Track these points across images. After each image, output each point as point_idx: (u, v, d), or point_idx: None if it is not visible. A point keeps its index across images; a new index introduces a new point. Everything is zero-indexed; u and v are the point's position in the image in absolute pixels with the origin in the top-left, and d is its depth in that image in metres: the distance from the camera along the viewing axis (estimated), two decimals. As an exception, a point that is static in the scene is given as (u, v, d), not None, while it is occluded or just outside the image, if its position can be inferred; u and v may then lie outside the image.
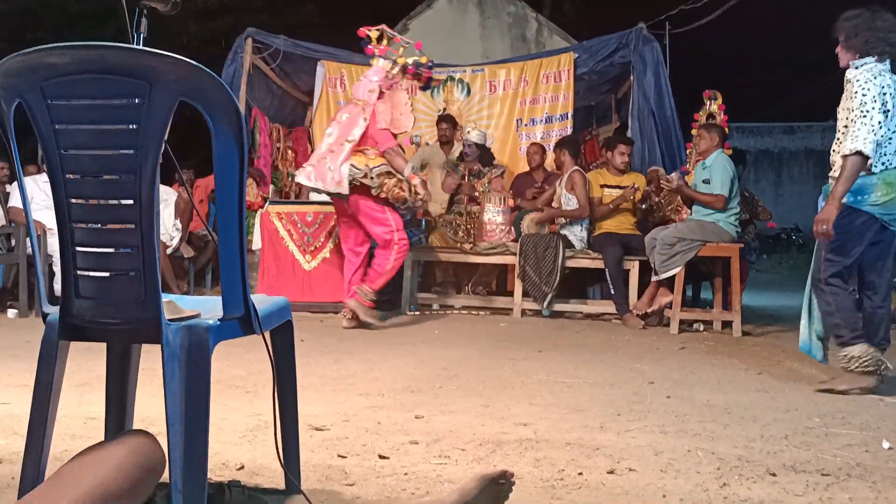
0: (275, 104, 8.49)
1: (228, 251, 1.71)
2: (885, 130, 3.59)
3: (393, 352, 4.53)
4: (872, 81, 3.61)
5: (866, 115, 3.57)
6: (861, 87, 3.62)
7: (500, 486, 1.86)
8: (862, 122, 3.56)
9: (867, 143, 3.53)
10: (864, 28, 3.69)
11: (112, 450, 1.10)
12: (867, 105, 3.59)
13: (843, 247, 3.69)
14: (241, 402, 3.14)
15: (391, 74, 5.60)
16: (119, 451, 1.10)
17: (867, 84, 3.62)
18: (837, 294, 3.72)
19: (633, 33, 7.50)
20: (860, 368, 3.65)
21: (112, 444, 1.12)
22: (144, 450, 1.11)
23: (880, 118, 3.56)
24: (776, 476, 2.33)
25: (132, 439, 1.12)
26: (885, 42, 3.68)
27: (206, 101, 1.60)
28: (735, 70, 20.48)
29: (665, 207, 6.42)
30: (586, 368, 4.12)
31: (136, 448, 1.11)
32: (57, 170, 1.63)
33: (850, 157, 3.56)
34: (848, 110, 3.65)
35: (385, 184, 5.42)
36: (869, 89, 3.60)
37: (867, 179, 3.62)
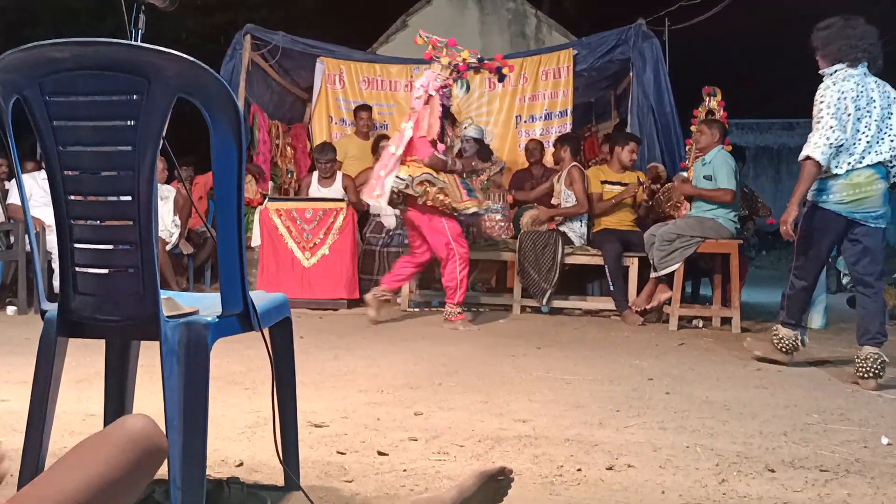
0: (274, 101, 8.48)
1: (227, 248, 1.70)
2: (841, 135, 3.80)
3: (392, 348, 4.53)
4: (831, 89, 3.84)
5: (820, 123, 3.82)
6: (820, 95, 3.88)
7: (498, 482, 1.86)
8: (816, 129, 3.83)
9: (817, 148, 3.79)
10: (836, 37, 3.90)
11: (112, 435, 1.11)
12: (822, 112, 3.83)
13: (809, 241, 4.02)
14: (239, 399, 3.14)
15: (441, 77, 5.54)
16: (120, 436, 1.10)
17: (825, 92, 3.86)
18: (794, 287, 4.13)
19: (632, 29, 7.49)
20: (780, 346, 4.21)
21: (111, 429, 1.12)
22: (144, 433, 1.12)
23: (832, 123, 3.78)
24: (775, 472, 2.34)
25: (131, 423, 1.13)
26: (858, 48, 3.86)
27: (205, 98, 1.60)
28: (734, 66, 20.47)
29: (664, 204, 6.42)
30: (585, 365, 4.12)
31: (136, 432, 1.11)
32: (55, 166, 1.63)
33: (804, 161, 3.86)
34: (813, 117, 3.91)
35: (428, 192, 5.40)
36: (825, 97, 3.84)
37: (832, 180, 3.88)
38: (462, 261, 5.50)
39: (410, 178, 5.41)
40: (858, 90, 3.85)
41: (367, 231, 7.11)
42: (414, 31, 9.27)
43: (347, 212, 6.49)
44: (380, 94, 8.38)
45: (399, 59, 8.59)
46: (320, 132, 8.31)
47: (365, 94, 8.30)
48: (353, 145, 7.80)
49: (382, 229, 7.14)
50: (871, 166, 3.86)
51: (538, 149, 7.54)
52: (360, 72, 8.40)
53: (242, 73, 7.56)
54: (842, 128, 3.80)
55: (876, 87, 3.91)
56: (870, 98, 3.86)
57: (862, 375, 3.76)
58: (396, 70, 8.41)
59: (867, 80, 3.90)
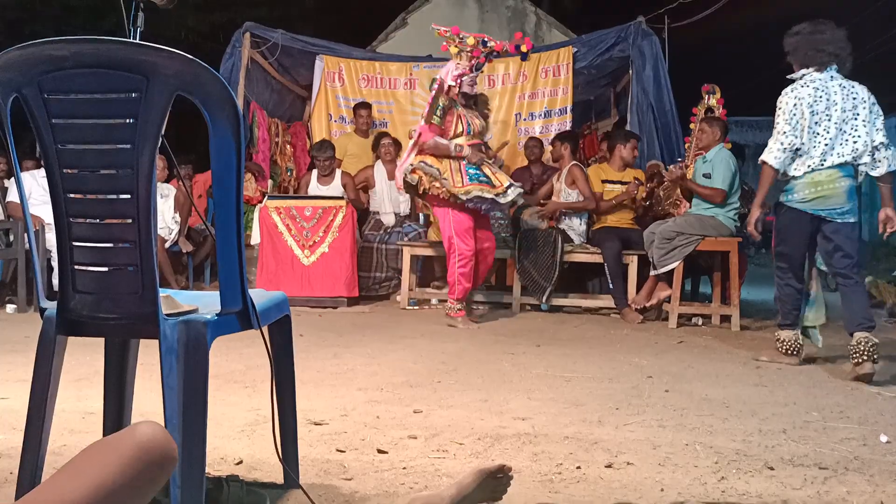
0: (273, 99, 8.47)
1: (226, 246, 1.70)
2: (796, 140, 4.04)
3: (392, 346, 4.54)
4: (788, 96, 4.09)
5: (776, 129, 4.10)
6: (779, 102, 4.12)
7: (498, 480, 1.86)
8: (773, 136, 4.11)
9: (771, 154, 4.07)
10: (804, 42, 4.10)
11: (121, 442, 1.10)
12: (778, 119, 4.10)
13: (783, 239, 4.25)
14: (239, 397, 3.14)
15: (460, 66, 5.50)
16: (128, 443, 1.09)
17: (782, 99, 4.11)
18: (780, 284, 4.29)
19: (631, 27, 7.48)
20: (783, 349, 4.26)
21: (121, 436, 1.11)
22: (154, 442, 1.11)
23: (786, 129, 4.04)
24: (774, 470, 2.34)
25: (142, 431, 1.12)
26: (825, 53, 4.06)
27: (203, 96, 1.60)
28: (734, 64, 20.45)
29: (664, 201, 6.42)
30: (585, 363, 4.12)
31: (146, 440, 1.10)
32: (54, 164, 1.63)
33: (762, 165, 4.14)
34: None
35: (422, 179, 5.42)
36: (782, 105, 4.09)
37: (794, 181, 4.11)
38: (462, 258, 5.45)
39: (410, 166, 5.42)
40: (817, 95, 4.03)
41: (367, 229, 7.11)
42: (413, 29, 9.29)
43: (347, 210, 6.49)
44: (379, 91, 8.37)
45: (399, 57, 8.58)
46: (320, 130, 8.30)
47: (364, 92, 8.29)
48: (352, 143, 7.79)
49: (381, 227, 7.15)
50: (833, 167, 4.04)
51: (538, 147, 7.53)
52: (360, 70, 8.39)
53: (242, 71, 7.56)
54: (795, 133, 4.03)
55: (840, 90, 4.06)
56: (830, 102, 4.03)
57: (857, 361, 3.84)
58: (396, 68, 8.40)
59: (831, 83, 4.06)
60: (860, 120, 4.05)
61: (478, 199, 5.42)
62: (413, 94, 8.34)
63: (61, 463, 2.26)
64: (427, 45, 8.01)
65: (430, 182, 5.39)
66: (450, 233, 5.46)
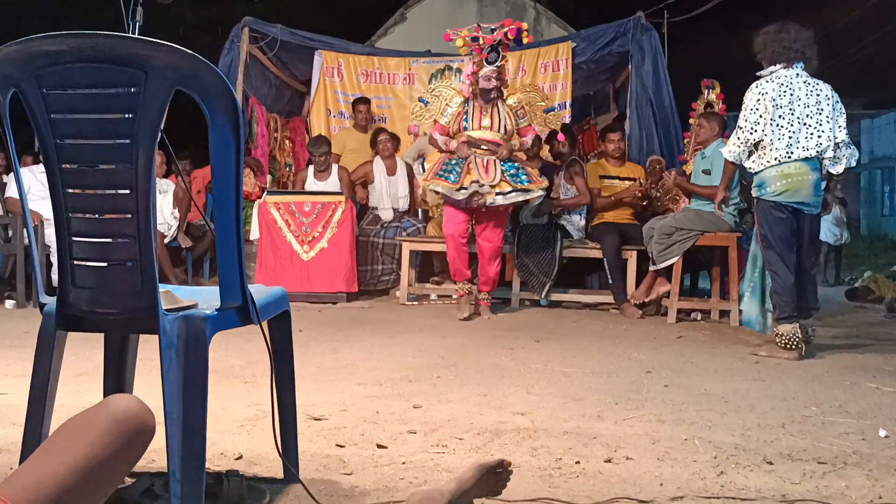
0: (272, 94, 8.46)
1: (225, 241, 1.70)
2: (772, 129, 4.23)
3: (391, 341, 4.54)
4: (752, 92, 4.29)
5: (737, 124, 4.33)
6: (744, 98, 4.32)
7: (497, 474, 1.86)
8: (734, 132, 4.36)
9: (730, 151, 4.39)
10: (770, 41, 4.31)
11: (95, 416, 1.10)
12: (740, 115, 4.32)
13: (766, 233, 4.36)
14: (239, 392, 3.14)
15: (475, 60, 5.62)
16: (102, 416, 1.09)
17: (746, 96, 4.31)
18: (775, 274, 4.34)
19: (631, 22, 7.47)
20: (782, 343, 4.26)
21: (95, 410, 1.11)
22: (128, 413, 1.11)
23: (744, 125, 4.28)
24: (773, 464, 2.34)
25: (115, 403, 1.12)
26: (791, 50, 4.26)
27: (202, 90, 1.60)
28: (733, 59, 20.43)
29: (663, 197, 6.42)
30: (584, 357, 4.12)
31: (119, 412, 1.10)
32: (53, 159, 1.63)
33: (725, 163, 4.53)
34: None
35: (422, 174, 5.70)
36: (745, 101, 4.29)
37: (765, 174, 4.29)
38: (447, 247, 5.79)
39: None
40: (781, 90, 4.22)
41: (364, 223, 7.11)
42: (412, 24, 9.28)
43: (346, 205, 6.48)
44: (378, 87, 8.36)
45: (397, 52, 8.57)
46: (318, 125, 8.29)
47: (363, 87, 8.28)
48: (351, 138, 7.78)
49: (378, 222, 7.14)
50: (800, 160, 4.23)
51: (536, 142, 7.51)
52: (359, 65, 8.38)
53: (240, 66, 7.54)
54: (752, 129, 4.27)
55: (804, 86, 4.26)
56: (794, 97, 4.23)
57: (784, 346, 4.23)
58: (395, 63, 8.39)
59: (796, 80, 4.26)
60: (824, 115, 4.24)
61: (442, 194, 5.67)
62: (412, 89, 8.33)
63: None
64: (426, 41, 8.01)
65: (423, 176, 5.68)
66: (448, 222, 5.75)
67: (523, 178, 5.55)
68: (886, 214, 22.90)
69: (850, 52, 20.71)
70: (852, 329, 5.61)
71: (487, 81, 5.58)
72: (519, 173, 5.56)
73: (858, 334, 5.36)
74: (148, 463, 2.24)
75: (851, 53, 22.05)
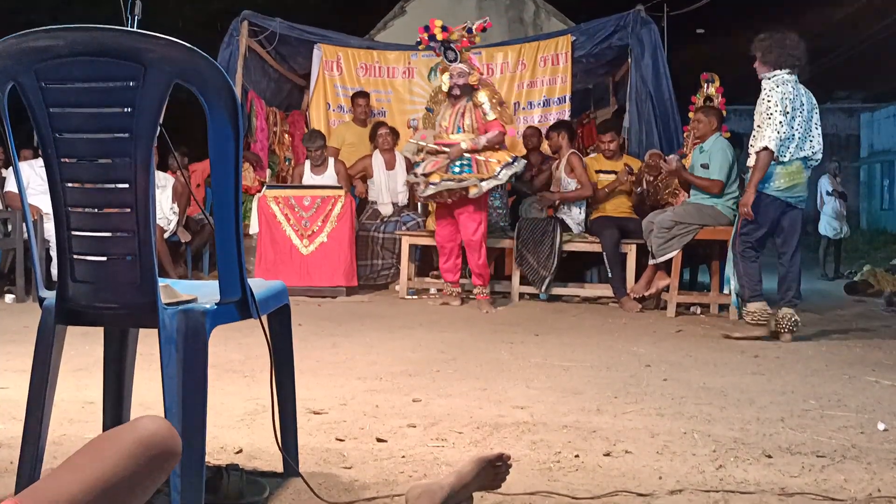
0: (271, 88, 8.44)
1: (224, 235, 1.70)
2: (788, 129, 4.49)
3: (391, 336, 4.54)
4: (776, 90, 4.50)
5: (771, 118, 4.47)
6: (767, 95, 4.53)
7: (496, 468, 1.86)
8: (768, 124, 4.48)
9: (772, 140, 4.46)
10: (777, 46, 4.57)
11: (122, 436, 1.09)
12: (771, 109, 4.48)
13: (756, 221, 4.64)
14: (238, 387, 3.15)
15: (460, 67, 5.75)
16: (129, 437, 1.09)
17: (771, 93, 4.51)
18: (746, 262, 4.70)
19: (630, 15, 7.45)
20: (754, 321, 4.63)
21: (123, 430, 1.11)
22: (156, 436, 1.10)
23: (781, 118, 4.44)
24: (772, 458, 2.35)
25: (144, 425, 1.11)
26: (794, 57, 4.57)
27: (201, 84, 1.59)
28: (733, 52, 20.41)
29: (663, 191, 6.42)
30: (583, 351, 4.13)
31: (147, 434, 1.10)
32: (52, 154, 1.63)
33: (760, 152, 4.50)
34: (759, 114, 4.57)
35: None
36: (772, 97, 4.49)
37: (772, 170, 4.55)
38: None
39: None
40: (794, 93, 4.54)
41: (364, 217, 7.10)
42: (412, 18, 9.23)
43: (346, 199, 6.48)
44: (377, 80, 8.34)
45: (397, 46, 8.54)
46: (318, 119, 8.27)
47: (362, 81, 8.26)
48: (350, 132, 7.77)
49: (378, 216, 7.13)
50: (799, 159, 4.59)
51: (535, 136, 7.51)
52: (358, 58, 8.36)
53: (240, 60, 7.53)
54: (788, 122, 4.49)
55: (804, 93, 4.62)
56: (799, 101, 4.56)
57: (781, 331, 4.58)
58: (394, 57, 8.36)
59: (797, 86, 4.59)
60: (814, 122, 4.64)
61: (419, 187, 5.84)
62: (411, 82, 8.31)
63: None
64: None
65: None
66: None
67: (457, 170, 5.71)
68: (886, 208, 22.90)
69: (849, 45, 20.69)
70: (851, 323, 5.62)
71: (450, 79, 5.69)
72: (460, 165, 5.71)
73: (857, 328, 5.37)
74: (148, 457, 2.24)
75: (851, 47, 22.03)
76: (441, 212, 5.98)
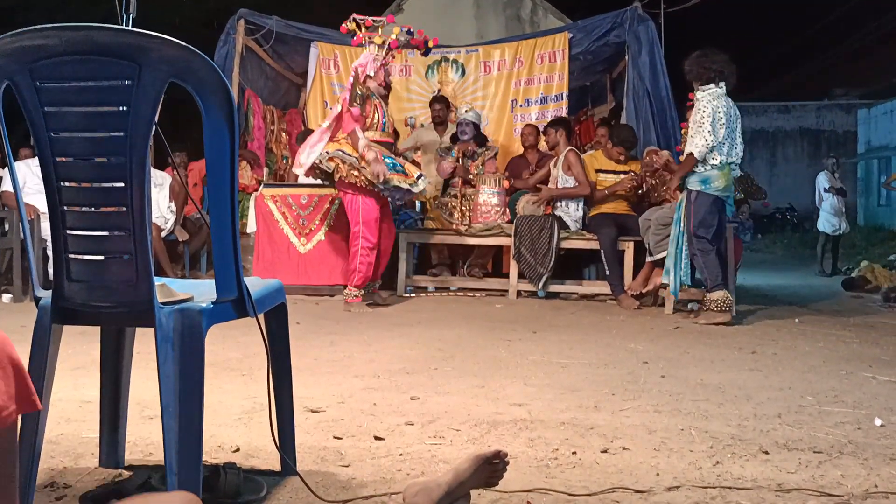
0: (268, 86, 8.43)
1: (221, 234, 1.70)
2: (722, 136, 5.13)
3: (388, 333, 4.54)
4: (712, 103, 5.14)
5: (701, 128, 5.12)
6: (703, 106, 5.15)
7: (494, 465, 1.87)
8: (698, 133, 5.13)
9: (697, 148, 5.12)
10: (701, 64, 5.23)
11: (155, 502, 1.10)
12: (703, 120, 5.12)
13: (706, 221, 5.18)
14: (236, 385, 3.15)
15: (378, 57, 5.58)
16: None
17: (707, 105, 5.14)
18: (706, 255, 5.16)
19: (627, 12, 7.45)
20: (718, 308, 5.10)
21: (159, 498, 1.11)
22: None
23: (709, 128, 5.09)
24: (769, 454, 2.35)
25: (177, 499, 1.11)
26: (714, 71, 5.19)
27: (196, 83, 1.59)
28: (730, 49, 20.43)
29: (660, 188, 6.41)
30: (581, 349, 4.13)
31: None
32: (47, 153, 1.63)
33: (688, 156, 5.19)
34: (693, 123, 5.20)
35: (339, 168, 5.49)
36: (707, 109, 5.13)
37: (711, 172, 5.17)
38: (364, 249, 5.56)
39: (326, 153, 5.49)
40: (727, 105, 5.17)
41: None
42: (409, 15, 9.23)
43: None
44: (374, 78, 8.32)
45: (394, 44, 8.52)
46: (315, 117, 8.26)
47: (359, 79, 8.24)
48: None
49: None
50: (729, 164, 5.20)
51: (533, 134, 7.51)
52: (355, 56, 8.34)
53: (236, 59, 7.52)
54: (714, 133, 5.11)
55: (732, 105, 5.23)
56: (728, 111, 5.17)
57: (720, 310, 5.07)
58: (391, 55, 8.35)
59: (726, 98, 5.20)
60: (738, 131, 5.28)
61: (395, 189, 5.57)
62: (408, 80, 8.31)
63: (58, 451, 2.27)
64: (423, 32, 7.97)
65: (349, 170, 5.46)
66: (357, 220, 5.56)
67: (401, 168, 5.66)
68: (883, 204, 22.91)
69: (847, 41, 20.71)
70: (849, 319, 5.63)
71: (390, 76, 5.77)
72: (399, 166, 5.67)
73: (854, 324, 5.37)
74: (145, 456, 2.24)
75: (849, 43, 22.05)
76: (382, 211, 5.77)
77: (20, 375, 1.06)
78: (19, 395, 1.05)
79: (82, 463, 2.17)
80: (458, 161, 7.03)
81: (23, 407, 1.05)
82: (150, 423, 2.54)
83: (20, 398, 1.05)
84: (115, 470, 2.10)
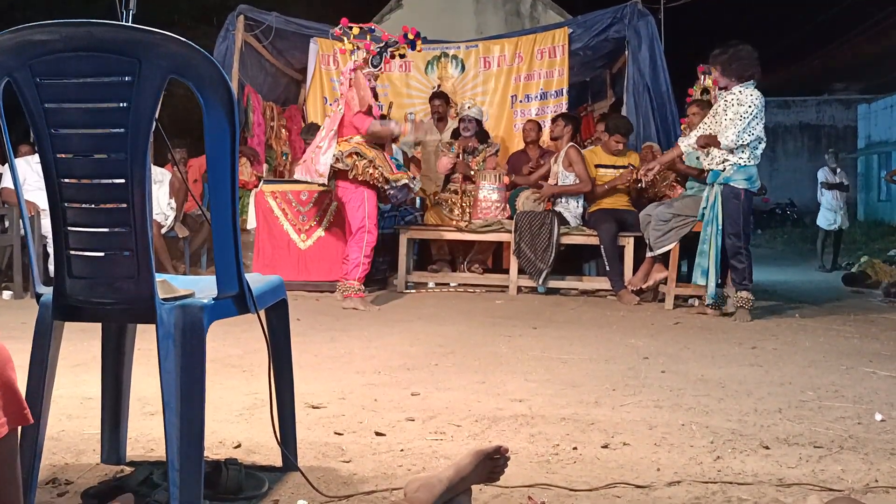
0: (268, 82, 8.42)
1: (222, 230, 1.70)
2: (759, 132, 5.06)
3: (389, 329, 4.54)
4: (755, 97, 5.01)
5: (741, 122, 4.98)
6: (751, 100, 5.00)
7: (495, 461, 1.87)
8: (733, 126, 5.00)
9: (729, 140, 5.02)
10: (735, 58, 5.06)
11: None
12: (745, 115, 4.98)
13: (750, 219, 5.23)
14: (237, 381, 3.15)
15: (357, 62, 5.60)
16: None
17: (752, 100, 5.00)
18: (747, 256, 5.16)
19: (627, 7, 7.44)
20: (749, 306, 5.15)
21: None
22: None
23: (747, 124, 4.99)
24: (769, 449, 2.35)
25: None
26: (752, 67, 5.05)
27: (197, 79, 1.59)
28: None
29: (660, 183, 6.41)
30: (581, 344, 4.13)
31: None
32: (48, 149, 1.62)
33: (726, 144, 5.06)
34: (735, 115, 5.02)
35: (356, 165, 5.48)
36: (756, 103, 5.01)
37: (752, 170, 5.11)
38: (369, 246, 5.55)
39: (341, 153, 5.50)
40: (762, 101, 5.08)
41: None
42: (408, 11, 9.23)
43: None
44: (374, 74, 8.31)
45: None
46: (315, 113, 8.26)
47: (359, 75, 8.23)
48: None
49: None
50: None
51: (535, 129, 7.51)
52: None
53: (236, 55, 7.51)
54: (752, 129, 5.04)
55: None
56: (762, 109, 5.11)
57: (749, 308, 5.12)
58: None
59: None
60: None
61: (402, 188, 5.64)
62: (408, 76, 8.30)
63: (60, 448, 2.27)
64: (422, 27, 7.94)
65: (365, 168, 5.48)
66: (363, 215, 5.55)
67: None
68: (883, 199, 22.90)
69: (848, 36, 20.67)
70: (849, 314, 5.63)
71: (375, 80, 5.79)
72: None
73: (855, 319, 5.38)
74: (147, 452, 2.25)
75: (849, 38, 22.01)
76: None
77: (10, 391, 1.15)
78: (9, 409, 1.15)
79: (84, 459, 2.17)
80: (458, 157, 7.03)
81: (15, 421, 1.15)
82: (151, 419, 2.54)
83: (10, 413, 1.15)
84: (116, 466, 2.10)
